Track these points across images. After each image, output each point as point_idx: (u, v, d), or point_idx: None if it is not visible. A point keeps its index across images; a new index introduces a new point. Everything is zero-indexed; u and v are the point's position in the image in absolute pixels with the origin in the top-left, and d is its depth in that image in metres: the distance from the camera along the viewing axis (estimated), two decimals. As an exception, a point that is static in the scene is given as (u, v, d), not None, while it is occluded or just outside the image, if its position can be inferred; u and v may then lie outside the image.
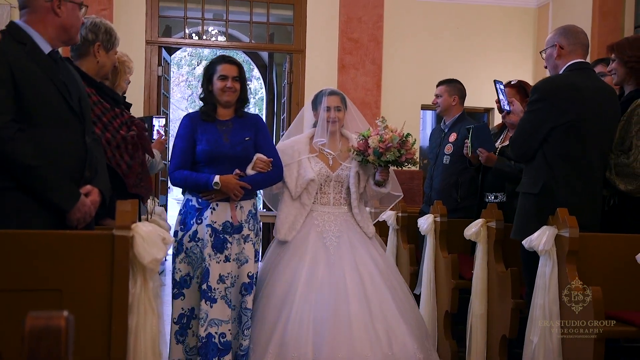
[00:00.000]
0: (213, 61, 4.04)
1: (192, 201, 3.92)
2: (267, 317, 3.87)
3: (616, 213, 3.67)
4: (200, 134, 3.91)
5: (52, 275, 2.37)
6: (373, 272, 4.01)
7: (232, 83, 3.92)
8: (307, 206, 4.17)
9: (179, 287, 3.87)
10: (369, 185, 4.24)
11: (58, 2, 2.70)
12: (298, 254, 4.04)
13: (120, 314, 2.42)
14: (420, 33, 8.47)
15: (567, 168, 3.56)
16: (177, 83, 22.74)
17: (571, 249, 3.31)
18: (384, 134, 4.00)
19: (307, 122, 4.42)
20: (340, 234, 4.12)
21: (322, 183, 4.20)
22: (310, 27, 8.34)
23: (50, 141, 2.63)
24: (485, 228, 4.18)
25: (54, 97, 2.66)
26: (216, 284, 3.77)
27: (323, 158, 4.24)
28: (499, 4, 8.56)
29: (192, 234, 3.87)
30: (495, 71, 8.28)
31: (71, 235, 2.48)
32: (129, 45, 6.73)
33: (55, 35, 2.74)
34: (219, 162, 3.85)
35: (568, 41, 3.70)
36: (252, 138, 3.97)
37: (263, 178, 3.96)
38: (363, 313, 3.83)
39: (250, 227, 3.93)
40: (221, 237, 3.83)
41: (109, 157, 3.25)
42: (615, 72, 3.77)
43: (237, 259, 3.86)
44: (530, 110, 3.67)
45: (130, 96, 4.40)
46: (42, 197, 2.59)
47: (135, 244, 2.46)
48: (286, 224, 4.15)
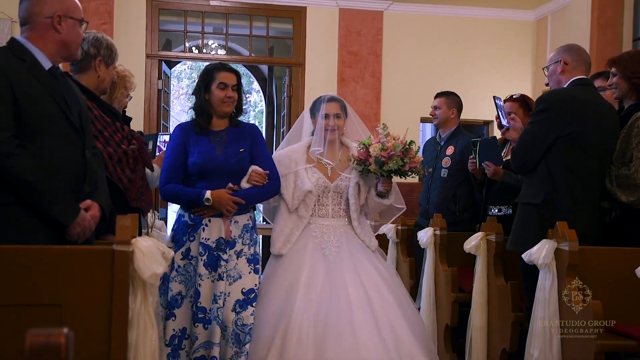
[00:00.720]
0: (210, 68, 3.81)
1: (185, 217, 3.75)
2: (263, 332, 3.66)
3: (618, 225, 3.69)
4: (192, 145, 3.72)
5: (51, 290, 2.37)
6: (377, 281, 3.83)
7: (232, 92, 3.74)
8: (305, 219, 3.97)
9: (170, 307, 3.65)
10: (371, 197, 4.03)
11: (58, 18, 2.71)
12: (294, 265, 3.85)
13: (120, 329, 2.41)
14: (419, 46, 8.50)
15: (570, 179, 3.60)
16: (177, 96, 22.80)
17: (571, 263, 3.31)
18: (385, 142, 3.81)
19: (306, 130, 4.21)
20: (340, 244, 3.93)
21: (320, 194, 3.99)
22: (309, 41, 8.37)
23: (50, 156, 2.63)
24: (485, 241, 4.18)
25: (54, 112, 2.67)
26: (211, 304, 3.58)
27: (321, 168, 4.04)
28: (497, 16, 8.60)
29: (185, 251, 3.68)
30: (494, 84, 8.32)
31: (71, 250, 2.48)
32: (129, 59, 6.76)
33: (56, 52, 2.75)
34: (212, 175, 3.67)
35: (572, 58, 3.80)
36: (248, 149, 3.77)
37: (258, 192, 3.75)
38: (367, 320, 3.64)
39: (245, 242, 3.73)
40: (215, 255, 3.64)
41: (111, 172, 3.26)
42: (616, 86, 3.80)
43: (228, 275, 3.65)
44: (534, 121, 3.70)
45: (130, 110, 4.40)
46: (41, 212, 2.59)
47: (135, 259, 2.46)
48: (281, 237, 3.94)
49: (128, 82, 3.97)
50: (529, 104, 4.58)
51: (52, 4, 2.71)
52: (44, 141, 2.62)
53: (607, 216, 3.73)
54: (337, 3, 8.29)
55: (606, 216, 3.74)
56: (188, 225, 3.72)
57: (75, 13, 2.77)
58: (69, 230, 2.65)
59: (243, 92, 3.92)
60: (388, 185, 3.96)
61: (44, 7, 2.71)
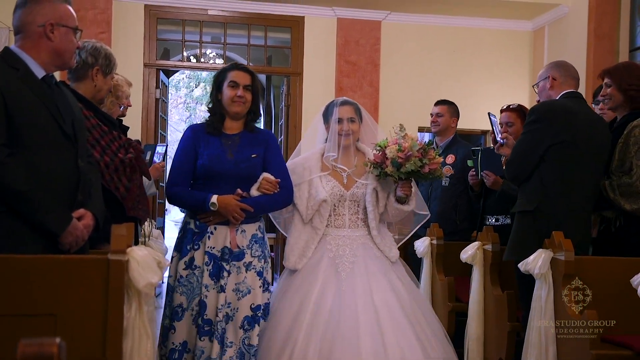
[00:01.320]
0: (224, 68, 3.69)
1: (190, 224, 3.56)
2: (271, 350, 3.44)
3: (623, 234, 3.71)
4: (202, 147, 3.54)
5: (46, 300, 2.37)
6: (391, 303, 3.55)
7: (243, 92, 3.56)
8: (320, 230, 3.73)
9: (171, 319, 3.48)
10: (390, 203, 3.77)
11: (50, 26, 2.70)
12: (307, 283, 3.61)
13: (115, 339, 2.41)
14: (417, 55, 8.51)
15: (562, 187, 3.64)
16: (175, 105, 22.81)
17: (567, 273, 3.32)
18: (402, 142, 3.61)
19: (320, 137, 3.98)
20: (355, 258, 3.67)
21: (335, 203, 3.75)
22: (307, 50, 8.38)
23: (42, 165, 2.62)
24: (482, 251, 4.19)
25: (46, 120, 2.66)
26: (216, 317, 3.39)
27: (336, 176, 3.81)
28: (495, 27, 8.61)
29: (188, 260, 3.49)
30: (491, 94, 8.34)
31: (66, 259, 2.48)
32: (127, 68, 6.75)
33: (49, 60, 2.74)
34: (219, 180, 3.49)
35: (560, 73, 3.88)
36: (261, 155, 3.58)
37: (268, 201, 3.55)
38: (376, 349, 3.38)
39: (254, 254, 3.52)
40: (219, 265, 3.45)
41: (107, 181, 3.25)
42: (610, 97, 3.83)
43: (236, 289, 3.44)
44: (527, 132, 3.75)
45: (127, 119, 4.39)
46: (33, 221, 2.58)
47: (131, 268, 2.45)
48: (296, 250, 3.71)
49: (119, 90, 3.94)
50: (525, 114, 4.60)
51: (44, 13, 2.71)
52: (36, 150, 2.62)
53: (612, 226, 3.76)
54: (335, 13, 8.30)
55: (611, 226, 3.77)
56: (193, 233, 3.54)
57: (68, 21, 2.77)
58: (60, 240, 2.64)
59: (260, 94, 3.71)
60: (408, 189, 3.71)
61: (37, 16, 2.70)
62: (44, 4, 2.72)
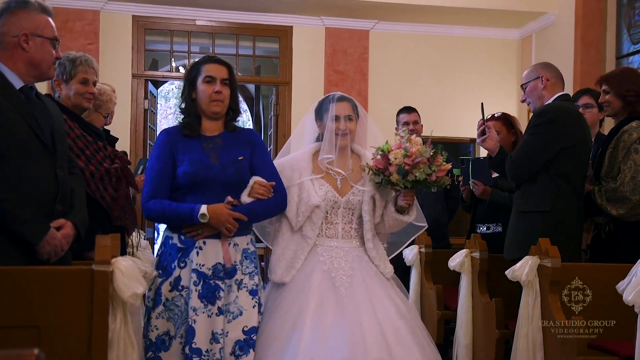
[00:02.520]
0: (197, 62, 3.25)
1: (173, 239, 3.12)
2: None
3: (613, 240, 3.73)
4: (181, 153, 3.12)
5: (30, 312, 2.36)
6: (394, 319, 3.19)
7: (221, 87, 3.15)
8: (311, 239, 3.33)
9: (155, 350, 3.02)
10: (388, 213, 3.42)
11: (25, 37, 2.69)
12: (300, 298, 3.19)
13: (99, 350, 2.40)
14: (405, 64, 8.53)
15: (569, 189, 3.71)
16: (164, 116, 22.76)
17: (554, 279, 3.33)
18: (408, 147, 3.24)
19: (309, 135, 3.60)
20: (353, 272, 3.28)
21: (328, 210, 3.35)
22: (296, 60, 8.39)
23: (19, 175, 2.60)
24: (470, 258, 4.18)
25: (23, 130, 2.64)
26: (209, 344, 2.97)
27: (329, 180, 3.40)
28: (483, 35, 8.63)
29: (173, 281, 3.05)
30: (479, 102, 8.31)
31: (49, 270, 2.47)
32: (115, 79, 6.75)
33: (25, 71, 2.73)
34: (205, 188, 3.07)
35: (552, 74, 3.92)
36: (247, 157, 3.19)
37: (263, 207, 3.15)
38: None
39: (245, 271, 3.13)
40: (212, 285, 3.03)
41: (93, 190, 3.25)
42: (608, 104, 3.85)
43: (227, 310, 3.04)
44: (537, 132, 3.75)
45: (116, 130, 4.39)
46: (9, 230, 2.56)
47: (115, 279, 2.45)
48: (283, 261, 3.31)
49: (97, 99, 3.81)
50: (511, 122, 4.65)
51: (19, 23, 2.70)
52: (13, 160, 2.60)
53: (602, 232, 3.78)
54: (323, 22, 8.32)
55: (601, 232, 3.79)
56: (177, 249, 3.10)
57: (44, 31, 2.75)
58: (38, 249, 2.61)
59: (237, 88, 3.32)
60: (410, 199, 3.36)
61: (12, 27, 2.70)
62: (19, 15, 2.71)
